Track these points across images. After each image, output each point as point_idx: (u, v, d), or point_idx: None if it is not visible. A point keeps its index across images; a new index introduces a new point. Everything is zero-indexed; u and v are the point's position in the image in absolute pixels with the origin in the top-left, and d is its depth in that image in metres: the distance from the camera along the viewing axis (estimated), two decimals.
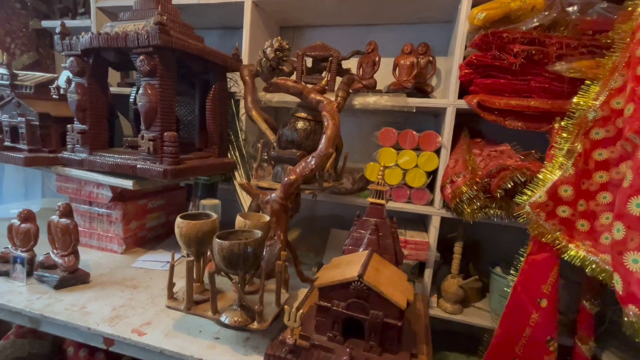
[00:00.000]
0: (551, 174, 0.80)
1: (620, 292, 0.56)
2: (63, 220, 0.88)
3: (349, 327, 0.68)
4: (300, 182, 0.84)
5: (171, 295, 0.71)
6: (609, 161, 0.75)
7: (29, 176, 1.97)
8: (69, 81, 1.07)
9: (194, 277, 0.74)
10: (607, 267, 0.71)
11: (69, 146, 1.06)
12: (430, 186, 1.13)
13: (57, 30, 1.00)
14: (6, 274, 0.90)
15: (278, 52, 0.85)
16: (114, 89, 1.44)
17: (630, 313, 0.53)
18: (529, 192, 0.83)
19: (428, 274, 1.12)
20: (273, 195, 0.86)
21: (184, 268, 0.68)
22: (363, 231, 0.84)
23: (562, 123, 0.82)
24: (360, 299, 0.65)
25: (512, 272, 0.89)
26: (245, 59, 1.25)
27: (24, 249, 0.91)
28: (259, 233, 0.67)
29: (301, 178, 0.84)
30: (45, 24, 1.58)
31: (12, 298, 0.80)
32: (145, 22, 0.94)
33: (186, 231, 0.68)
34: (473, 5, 0.98)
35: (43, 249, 0.91)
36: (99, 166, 0.99)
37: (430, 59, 1.22)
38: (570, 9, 0.84)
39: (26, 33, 1.58)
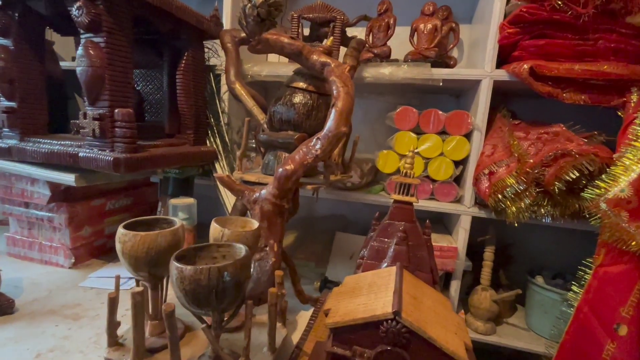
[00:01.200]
0: (637, 160, 0.60)
1: None
2: None
3: None
4: (301, 174, 0.62)
5: (113, 342, 0.48)
6: None
7: None
8: None
9: (150, 312, 0.52)
10: None
11: None
12: (457, 179, 0.93)
13: None
14: None
15: None
16: (67, 64, 1.18)
17: None
18: (603, 185, 0.63)
19: (455, 286, 0.91)
20: (263, 192, 0.64)
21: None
22: (386, 239, 0.62)
23: None
24: (396, 347, 0.43)
25: (574, 287, 0.69)
26: (227, 24, 1.02)
27: None
28: (242, 249, 0.45)
29: (302, 168, 0.61)
30: None
31: None
32: None
33: (131, 247, 0.45)
34: None
35: None
36: (30, 156, 0.75)
37: (453, 25, 1.01)
38: None
39: None
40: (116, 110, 0.68)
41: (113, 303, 0.47)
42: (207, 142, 0.98)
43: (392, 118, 0.92)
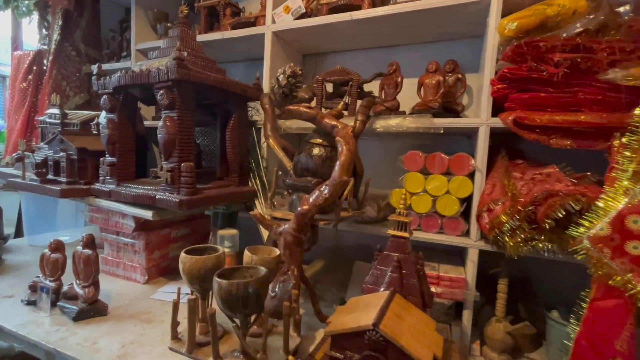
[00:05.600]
0: (614, 201, 0.66)
1: None
2: (85, 250, 0.90)
3: None
4: (314, 213, 0.78)
5: (175, 335, 0.67)
6: None
7: (80, 207, 2.15)
8: None
9: (199, 316, 0.70)
10: None
11: (100, 178, 1.11)
12: (466, 214, 1.01)
13: (94, 71, 1.09)
14: (34, 303, 0.93)
15: (290, 79, 0.84)
16: (148, 123, 1.52)
17: None
18: (586, 223, 0.69)
19: (467, 316, 0.97)
20: (286, 226, 0.81)
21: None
22: (384, 268, 0.75)
23: (624, 140, 0.69)
24: (376, 352, 0.55)
25: (571, 320, 0.73)
26: (266, 88, 1.27)
27: (52, 279, 0.94)
28: (262, 270, 0.61)
29: (315, 208, 0.78)
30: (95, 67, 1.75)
31: (33, 329, 0.82)
32: (168, 58, 0.98)
33: (189, 267, 0.64)
34: (503, 15, 0.90)
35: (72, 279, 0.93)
36: (123, 197, 1.02)
37: (459, 76, 1.13)
38: (621, 9, 0.72)
39: (79, 77, 1.76)
40: (182, 164, 0.92)
41: (176, 307, 0.66)
42: (249, 183, 1.20)
43: (402, 160, 1.05)
